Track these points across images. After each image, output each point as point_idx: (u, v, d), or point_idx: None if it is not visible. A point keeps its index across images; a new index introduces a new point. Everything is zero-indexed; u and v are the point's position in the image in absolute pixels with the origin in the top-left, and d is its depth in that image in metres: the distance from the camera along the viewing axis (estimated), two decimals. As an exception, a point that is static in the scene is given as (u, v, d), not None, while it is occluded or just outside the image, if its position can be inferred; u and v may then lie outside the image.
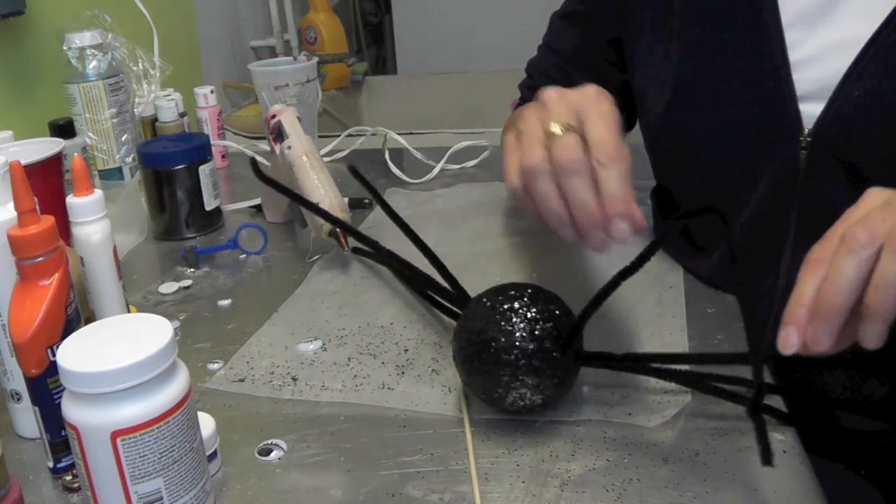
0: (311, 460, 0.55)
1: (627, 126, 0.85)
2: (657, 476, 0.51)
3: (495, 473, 0.52)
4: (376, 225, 0.94)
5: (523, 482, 0.51)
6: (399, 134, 1.18)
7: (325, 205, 0.78)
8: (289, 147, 0.85)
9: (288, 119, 0.87)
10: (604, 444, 0.54)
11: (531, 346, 0.53)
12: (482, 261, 0.82)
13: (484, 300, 0.56)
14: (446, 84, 1.86)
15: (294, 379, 0.64)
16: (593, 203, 0.51)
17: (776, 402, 0.57)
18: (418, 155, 1.14)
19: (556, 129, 0.53)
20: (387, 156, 1.14)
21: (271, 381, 0.64)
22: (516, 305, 0.54)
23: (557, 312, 0.55)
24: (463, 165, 1.13)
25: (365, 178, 0.78)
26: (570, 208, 0.52)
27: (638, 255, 0.52)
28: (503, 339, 0.53)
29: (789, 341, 0.45)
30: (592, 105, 0.54)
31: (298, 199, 0.76)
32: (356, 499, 0.51)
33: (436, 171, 1.10)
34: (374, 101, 1.83)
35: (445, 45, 2.23)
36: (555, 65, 0.85)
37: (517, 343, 0.53)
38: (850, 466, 0.69)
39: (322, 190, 0.81)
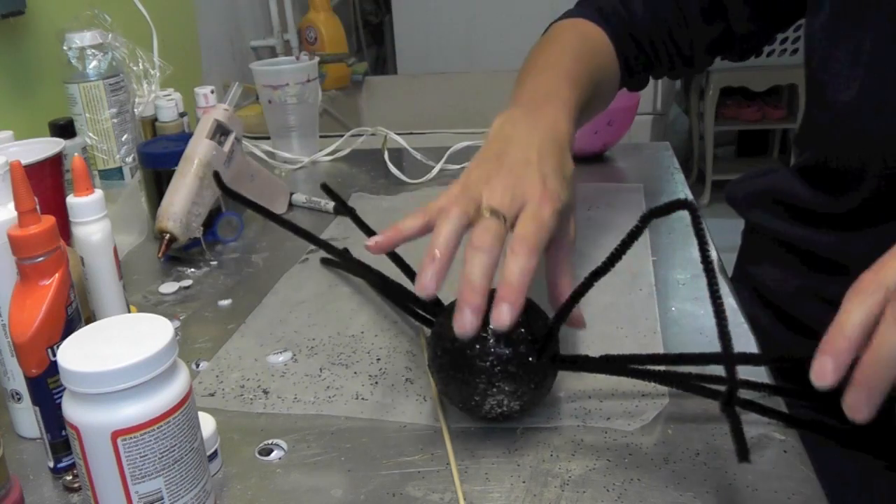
0: (311, 460, 0.55)
1: (628, 84, 0.86)
2: (657, 476, 0.51)
3: (496, 473, 0.52)
4: (351, 230, 0.94)
5: (524, 482, 0.51)
6: (399, 134, 1.18)
7: (160, 208, 0.82)
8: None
9: (204, 120, 0.88)
10: (604, 444, 0.54)
11: (506, 352, 0.52)
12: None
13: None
14: (446, 84, 1.87)
15: (265, 392, 0.63)
16: (480, 280, 0.52)
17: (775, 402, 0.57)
18: (418, 155, 1.14)
19: (486, 211, 0.55)
20: (386, 156, 1.14)
21: (242, 395, 0.62)
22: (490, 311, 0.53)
23: (532, 317, 0.54)
24: (463, 165, 1.13)
25: (336, 193, 0.79)
26: (461, 277, 0.53)
27: (609, 255, 0.51)
28: (478, 346, 0.52)
29: (825, 373, 0.41)
30: (534, 206, 0.56)
31: (251, 205, 0.77)
32: (357, 499, 0.51)
33: (435, 171, 1.10)
34: (374, 101, 1.83)
35: (445, 45, 2.23)
36: None
37: (492, 349, 0.52)
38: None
39: (173, 196, 0.83)
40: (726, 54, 0.85)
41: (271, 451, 0.56)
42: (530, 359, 0.52)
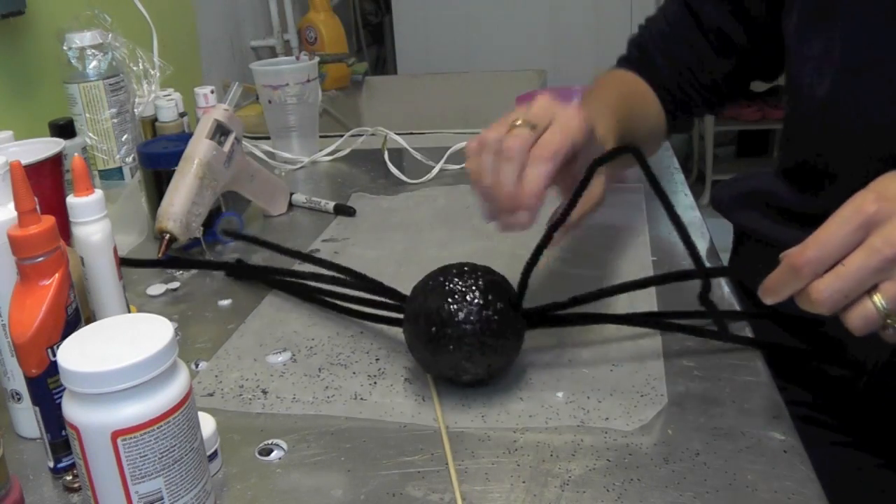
0: (311, 460, 0.55)
1: (673, 128, 0.88)
2: (657, 476, 0.51)
3: (496, 473, 0.52)
4: (351, 230, 0.94)
5: (524, 482, 0.51)
6: (399, 134, 1.18)
7: (160, 208, 0.82)
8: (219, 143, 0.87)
9: (204, 120, 0.88)
10: (604, 444, 0.54)
11: (487, 312, 0.56)
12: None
13: (429, 282, 0.59)
14: (446, 84, 1.86)
15: (264, 392, 0.63)
16: (510, 188, 0.57)
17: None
18: (418, 155, 1.14)
19: (519, 122, 0.59)
20: (386, 156, 1.14)
21: (241, 395, 0.62)
22: (459, 282, 0.58)
23: (496, 279, 0.59)
24: (462, 165, 1.13)
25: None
26: (493, 185, 0.59)
27: (567, 203, 0.58)
28: (463, 313, 0.56)
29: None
30: (563, 115, 0.60)
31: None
32: (356, 499, 0.51)
33: (435, 171, 1.10)
34: (374, 101, 1.83)
35: (445, 45, 2.23)
36: (661, 31, 0.86)
37: (473, 314, 0.56)
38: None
39: (173, 196, 0.83)
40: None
41: (271, 451, 0.56)
42: (510, 314, 0.57)
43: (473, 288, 0.57)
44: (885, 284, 0.46)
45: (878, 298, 0.46)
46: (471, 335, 0.56)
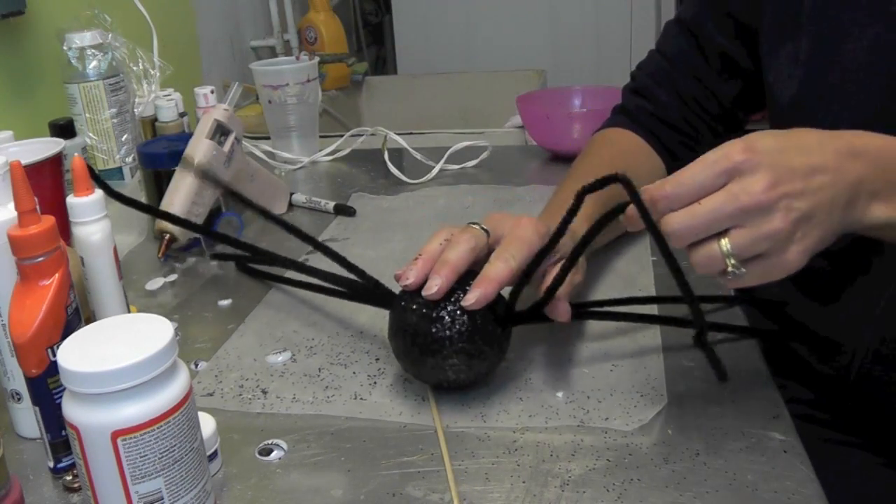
0: (311, 460, 0.55)
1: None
2: (657, 476, 0.51)
3: (496, 473, 0.52)
4: (351, 230, 0.94)
5: (524, 482, 0.51)
6: (399, 134, 1.18)
7: (161, 208, 0.83)
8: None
9: (204, 120, 0.88)
10: (604, 444, 0.54)
11: (468, 324, 0.57)
12: None
13: (411, 301, 0.58)
14: (446, 84, 1.86)
15: (264, 392, 0.63)
16: (453, 263, 0.57)
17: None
18: (418, 155, 1.14)
19: (475, 225, 0.61)
20: (386, 156, 1.14)
21: (241, 395, 0.63)
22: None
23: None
24: (463, 166, 1.13)
25: (221, 181, 0.85)
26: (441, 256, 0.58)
27: (554, 232, 0.58)
28: (445, 319, 0.57)
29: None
30: (518, 226, 0.60)
31: (147, 209, 0.82)
32: (356, 498, 0.51)
33: (435, 171, 1.10)
34: (374, 101, 1.83)
35: (445, 45, 2.23)
36: (661, 68, 0.86)
37: (457, 322, 0.56)
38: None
39: (173, 196, 0.83)
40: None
41: (271, 451, 0.56)
42: (489, 328, 0.57)
43: (450, 307, 0.57)
44: (735, 230, 0.48)
45: (724, 242, 0.48)
46: (452, 349, 0.57)
